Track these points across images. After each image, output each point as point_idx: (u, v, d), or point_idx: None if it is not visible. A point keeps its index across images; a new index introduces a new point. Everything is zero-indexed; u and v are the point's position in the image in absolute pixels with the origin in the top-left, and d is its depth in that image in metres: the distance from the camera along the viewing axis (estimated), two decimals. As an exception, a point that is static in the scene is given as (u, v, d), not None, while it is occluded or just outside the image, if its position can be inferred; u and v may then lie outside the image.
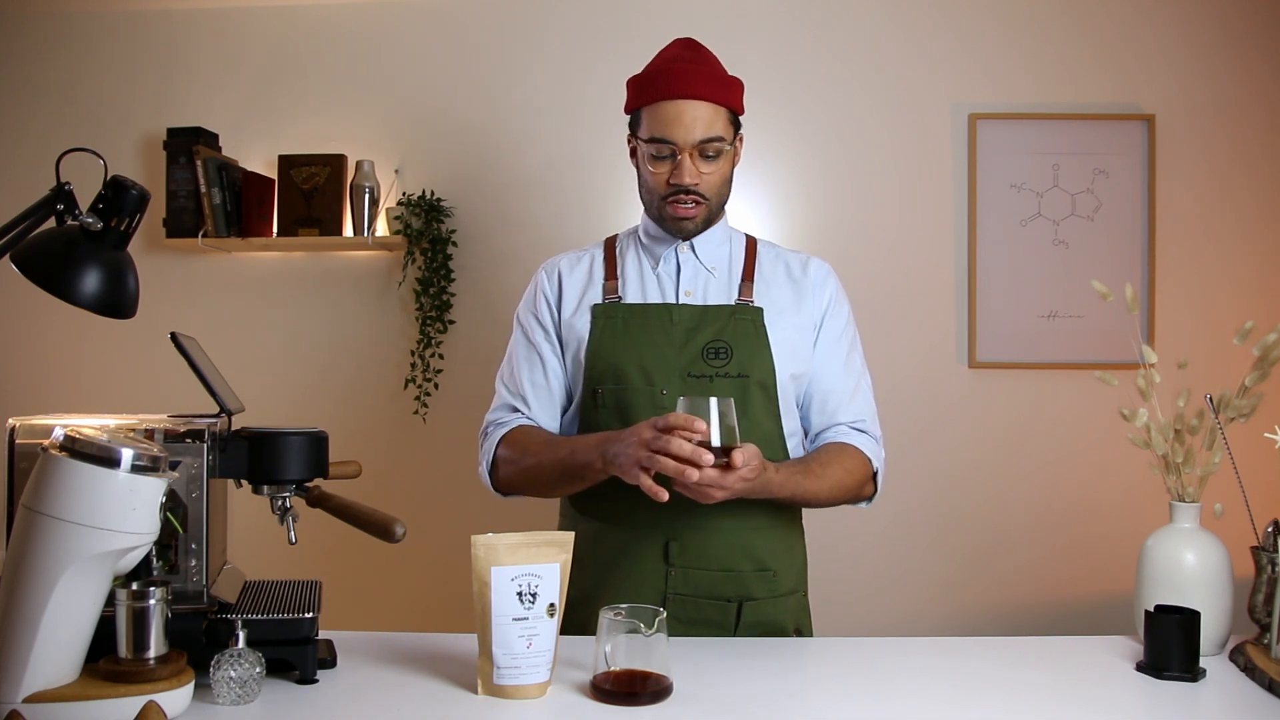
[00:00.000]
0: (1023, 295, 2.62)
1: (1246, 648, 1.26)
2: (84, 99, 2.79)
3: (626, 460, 1.27)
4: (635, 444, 1.25)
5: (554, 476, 1.43)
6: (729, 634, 1.43)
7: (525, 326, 1.56)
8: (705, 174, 1.43)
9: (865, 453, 1.48)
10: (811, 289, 1.53)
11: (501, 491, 1.52)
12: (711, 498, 1.24)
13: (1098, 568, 2.58)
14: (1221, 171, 2.60)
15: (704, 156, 1.42)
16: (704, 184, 1.44)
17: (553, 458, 1.43)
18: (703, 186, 1.44)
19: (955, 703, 1.12)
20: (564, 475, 1.42)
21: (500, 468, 1.50)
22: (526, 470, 1.46)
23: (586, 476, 1.39)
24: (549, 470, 1.43)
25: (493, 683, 1.11)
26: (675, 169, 1.42)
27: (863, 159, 2.66)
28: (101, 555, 0.98)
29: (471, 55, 2.72)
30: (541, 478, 1.45)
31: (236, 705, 1.07)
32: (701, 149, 1.41)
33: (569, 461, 1.40)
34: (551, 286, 1.55)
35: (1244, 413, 1.34)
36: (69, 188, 1.08)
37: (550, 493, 1.50)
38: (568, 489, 1.47)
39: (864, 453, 1.48)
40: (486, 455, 1.51)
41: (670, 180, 1.43)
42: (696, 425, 1.21)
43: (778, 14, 2.67)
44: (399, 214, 2.62)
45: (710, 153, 1.42)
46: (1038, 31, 2.64)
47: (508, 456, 1.49)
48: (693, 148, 1.41)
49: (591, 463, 1.35)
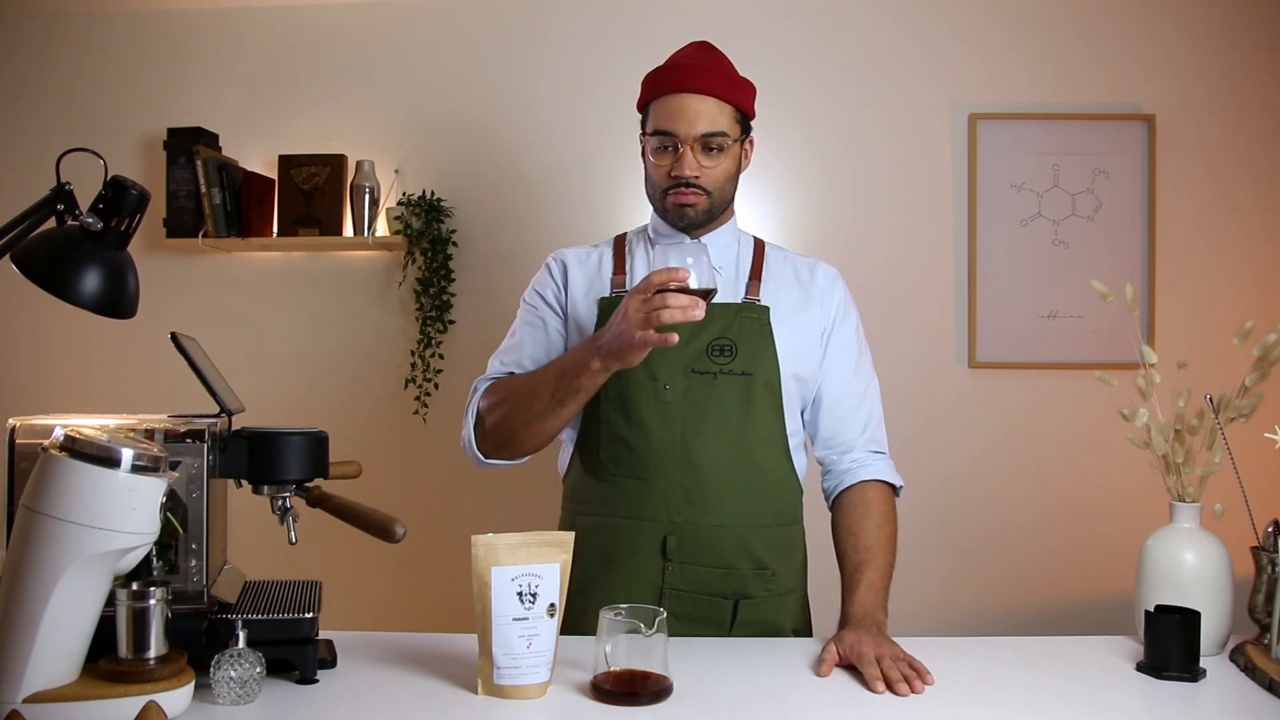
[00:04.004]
0: (1023, 295, 2.62)
1: (1246, 648, 1.26)
2: (84, 99, 2.79)
3: (624, 339, 1.25)
4: (627, 320, 1.24)
5: (545, 400, 1.37)
6: (725, 631, 1.43)
7: (531, 304, 1.55)
8: (706, 167, 1.43)
9: (886, 485, 1.50)
10: (819, 294, 1.53)
11: (486, 452, 1.46)
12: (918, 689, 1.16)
13: (1098, 568, 2.58)
14: (1221, 171, 2.60)
15: (706, 150, 1.42)
16: (705, 177, 1.43)
17: (540, 379, 1.39)
18: (704, 180, 1.43)
19: (955, 703, 1.12)
20: (556, 394, 1.36)
21: (484, 419, 1.44)
22: (514, 404, 1.40)
23: (582, 383, 1.34)
24: (539, 394, 1.38)
25: (493, 683, 1.11)
26: (677, 161, 1.43)
27: (863, 159, 2.66)
28: (101, 555, 0.98)
29: (472, 55, 2.72)
30: (531, 407, 1.38)
31: (236, 705, 1.07)
32: (704, 142, 1.41)
33: (559, 374, 1.36)
34: (559, 273, 1.56)
35: (1244, 413, 1.34)
36: (69, 188, 1.08)
37: (541, 427, 1.40)
38: (561, 411, 1.38)
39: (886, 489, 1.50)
40: (470, 413, 1.47)
41: (671, 172, 1.43)
42: (679, 274, 1.21)
43: (778, 14, 2.67)
44: (399, 214, 2.62)
45: (712, 146, 1.42)
46: (1038, 31, 2.64)
47: (490, 404, 1.44)
48: (694, 140, 1.41)
49: (586, 363, 1.31)
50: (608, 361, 1.30)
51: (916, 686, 1.15)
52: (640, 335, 1.23)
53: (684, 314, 1.20)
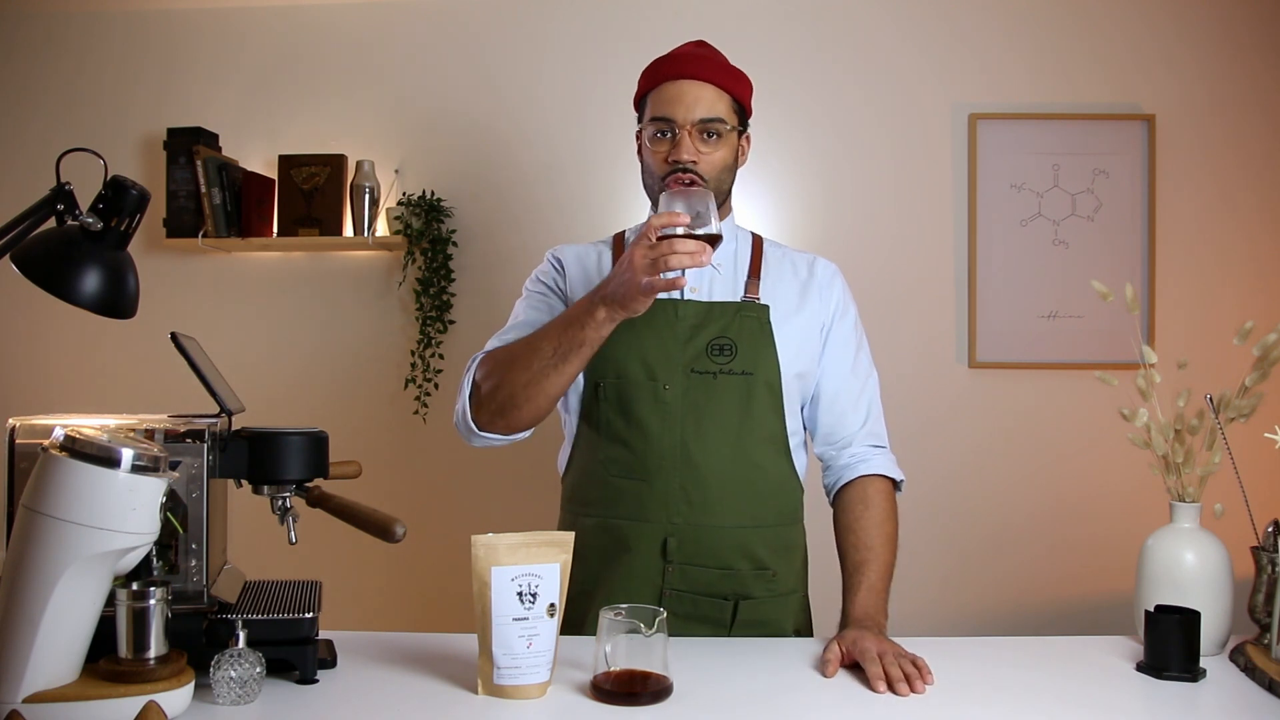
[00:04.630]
0: (1023, 295, 2.62)
1: (1246, 648, 1.26)
2: (84, 99, 2.79)
3: (630, 285, 1.23)
4: (633, 268, 1.22)
5: (546, 356, 1.32)
6: (725, 632, 1.43)
7: (535, 290, 1.54)
8: (704, 153, 1.41)
9: (887, 479, 1.50)
10: (818, 289, 1.52)
11: (482, 423, 1.40)
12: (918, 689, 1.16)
13: (1098, 568, 2.58)
14: (1221, 171, 2.60)
15: (704, 137, 1.41)
16: (703, 164, 1.42)
17: (541, 336, 1.35)
18: (701, 166, 1.41)
19: (955, 703, 1.12)
20: (559, 348, 1.32)
21: (480, 387, 1.39)
22: (513, 363, 1.35)
23: (587, 335, 1.30)
24: (540, 351, 1.33)
25: (493, 683, 1.11)
26: (674, 146, 1.41)
27: (863, 159, 2.66)
28: (101, 555, 0.98)
29: (472, 55, 2.72)
30: (531, 364, 1.33)
31: (236, 705, 1.07)
32: (702, 128, 1.41)
33: (563, 327, 1.32)
34: (560, 267, 1.55)
35: (1244, 413, 1.34)
36: (69, 188, 1.08)
37: (541, 388, 1.34)
38: (564, 368, 1.33)
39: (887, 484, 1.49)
40: (465, 385, 1.42)
41: (669, 158, 1.41)
42: (679, 218, 1.21)
43: (778, 14, 2.67)
44: (399, 214, 2.62)
45: (710, 132, 1.41)
46: (1038, 31, 2.64)
47: (487, 371, 1.39)
48: (692, 126, 1.40)
49: (591, 313, 1.28)
50: (613, 310, 1.28)
51: (917, 686, 1.15)
52: (647, 280, 1.21)
53: (691, 259, 1.19)
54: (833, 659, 1.22)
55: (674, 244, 1.20)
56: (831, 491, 1.53)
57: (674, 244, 1.20)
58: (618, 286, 1.26)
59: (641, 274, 1.22)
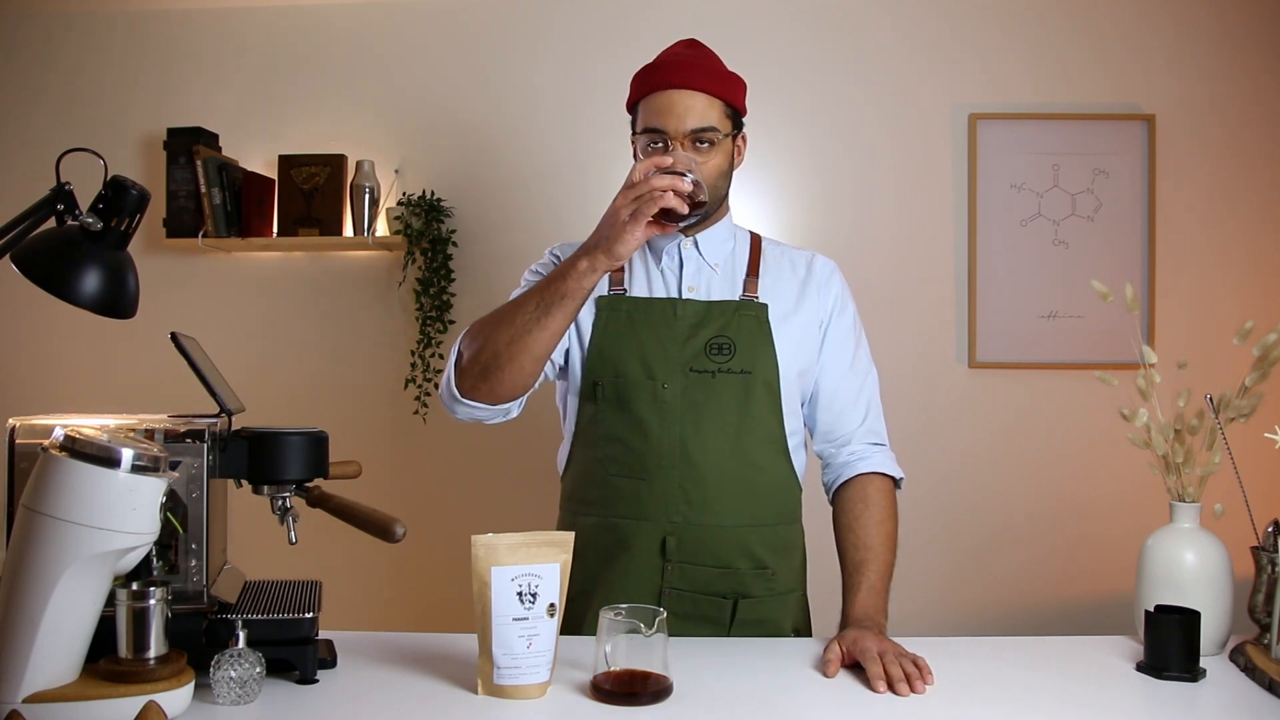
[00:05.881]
0: (1023, 295, 2.62)
1: (1246, 648, 1.26)
2: (84, 99, 2.79)
3: (615, 227, 1.25)
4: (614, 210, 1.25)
5: (529, 311, 1.30)
6: (724, 631, 1.43)
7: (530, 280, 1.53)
8: (698, 162, 1.40)
9: (887, 477, 1.50)
10: (817, 286, 1.52)
11: (465, 389, 1.36)
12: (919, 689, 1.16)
13: (1098, 568, 2.58)
14: (1221, 171, 2.60)
15: (696, 146, 1.41)
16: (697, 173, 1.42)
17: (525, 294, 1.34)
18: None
19: (955, 703, 1.12)
20: (541, 301, 1.30)
21: (464, 354, 1.37)
22: (497, 322, 1.34)
23: (569, 286, 1.28)
24: (524, 306, 1.31)
25: (493, 683, 1.11)
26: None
27: (863, 159, 2.66)
28: (101, 555, 0.98)
29: (472, 55, 2.72)
30: (515, 320, 1.31)
31: (236, 705, 1.07)
32: (694, 138, 1.40)
33: (546, 282, 1.31)
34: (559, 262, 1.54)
35: (1244, 413, 1.34)
36: (69, 188, 1.08)
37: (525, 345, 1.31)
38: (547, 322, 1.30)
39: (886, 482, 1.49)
40: (451, 354, 1.41)
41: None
42: (661, 160, 1.25)
43: (778, 14, 2.67)
44: (399, 214, 2.62)
45: (703, 142, 1.41)
46: (1038, 31, 2.64)
47: (472, 336, 1.37)
48: (684, 136, 1.39)
49: (574, 263, 1.28)
50: (594, 258, 1.27)
51: (917, 686, 1.15)
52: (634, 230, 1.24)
53: (670, 182, 1.23)
54: (834, 659, 1.22)
55: (651, 180, 1.23)
56: (831, 489, 1.53)
57: (651, 180, 1.23)
58: (602, 232, 1.27)
59: (624, 225, 1.24)
